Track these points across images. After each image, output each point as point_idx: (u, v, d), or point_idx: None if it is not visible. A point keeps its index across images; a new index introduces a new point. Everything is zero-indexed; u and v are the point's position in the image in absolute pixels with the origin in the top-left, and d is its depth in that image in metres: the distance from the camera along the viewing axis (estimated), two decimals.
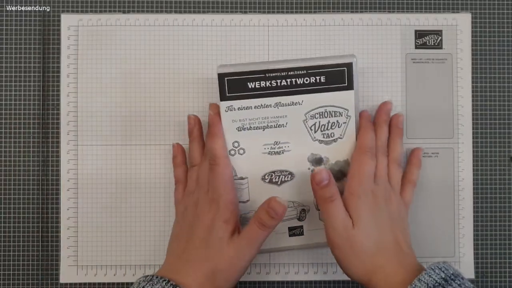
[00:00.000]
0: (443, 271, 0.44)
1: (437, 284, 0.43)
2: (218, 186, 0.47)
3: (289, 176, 0.51)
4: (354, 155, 0.50)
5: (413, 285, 0.43)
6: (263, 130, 0.50)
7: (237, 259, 0.46)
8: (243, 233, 0.46)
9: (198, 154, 0.51)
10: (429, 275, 0.43)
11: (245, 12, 0.54)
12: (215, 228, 0.46)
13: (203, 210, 0.47)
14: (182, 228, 0.48)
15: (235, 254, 0.46)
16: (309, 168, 0.51)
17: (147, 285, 0.44)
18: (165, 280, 0.44)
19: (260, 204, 0.47)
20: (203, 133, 0.52)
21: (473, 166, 0.54)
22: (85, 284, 0.53)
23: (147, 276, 0.45)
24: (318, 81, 0.48)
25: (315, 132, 0.50)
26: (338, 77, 0.48)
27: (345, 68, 0.48)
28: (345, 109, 0.49)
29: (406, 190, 0.52)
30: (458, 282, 0.43)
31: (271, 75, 0.48)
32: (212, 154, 0.48)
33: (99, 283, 0.53)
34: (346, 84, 0.49)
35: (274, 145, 0.50)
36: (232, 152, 0.50)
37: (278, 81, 0.48)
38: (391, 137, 0.52)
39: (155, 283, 0.44)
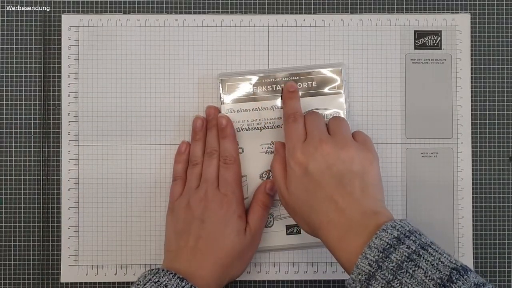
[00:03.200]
0: (397, 229, 0.40)
1: (388, 246, 0.39)
2: (232, 183, 0.50)
3: None
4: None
5: (363, 254, 0.39)
6: (260, 131, 0.52)
7: (252, 246, 0.50)
8: (251, 219, 0.50)
9: (201, 153, 0.52)
10: (380, 238, 0.39)
11: (245, 13, 0.55)
12: (230, 222, 0.49)
13: (215, 205, 0.49)
14: (187, 222, 0.49)
15: (250, 241, 0.49)
16: None
17: (154, 277, 0.44)
18: (171, 273, 0.44)
19: (256, 190, 0.52)
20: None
21: (472, 166, 0.54)
22: (85, 283, 0.53)
23: (153, 269, 0.45)
24: (310, 86, 0.52)
25: None
26: (328, 82, 0.52)
27: (335, 74, 0.52)
28: (336, 111, 0.52)
29: None
30: (414, 238, 0.39)
31: (267, 80, 0.52)
32: (229, 154, 0.51)
33: (99, 283, 0.53)
34: (336, 89, 0.52)
35: (270, 144, 0.53)
36: None
37: (274, 86, 0.52)
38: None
39: (162, 276, 0.44)
